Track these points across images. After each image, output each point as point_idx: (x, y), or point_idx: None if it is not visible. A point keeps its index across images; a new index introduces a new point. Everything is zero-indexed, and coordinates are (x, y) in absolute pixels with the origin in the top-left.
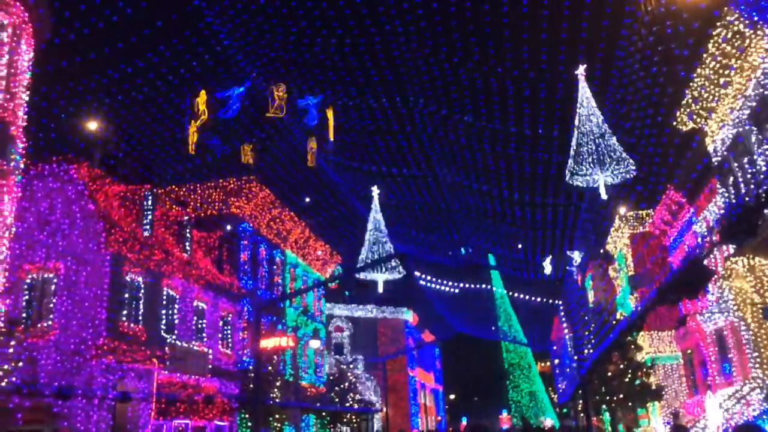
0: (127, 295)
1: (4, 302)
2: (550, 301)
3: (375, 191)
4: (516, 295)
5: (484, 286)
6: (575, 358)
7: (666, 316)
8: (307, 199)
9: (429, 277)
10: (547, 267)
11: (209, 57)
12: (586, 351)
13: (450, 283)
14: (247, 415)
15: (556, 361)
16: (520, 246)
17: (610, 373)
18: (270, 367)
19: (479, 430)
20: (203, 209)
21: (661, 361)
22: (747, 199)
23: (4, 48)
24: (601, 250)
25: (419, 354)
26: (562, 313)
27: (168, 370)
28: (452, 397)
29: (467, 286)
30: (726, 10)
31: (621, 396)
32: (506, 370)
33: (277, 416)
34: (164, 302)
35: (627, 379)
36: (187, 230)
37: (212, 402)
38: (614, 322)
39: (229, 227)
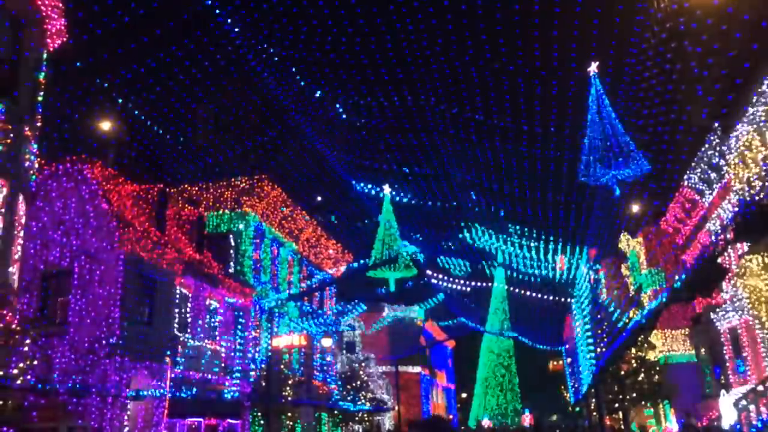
0: (140, 294)
1: (19, 300)
2: (562, 299)
3: (386, 189)
4: (527, 293)
5: (493, 284)
6: (587, 357)
7: (680, 314)
8: (319, 198)
9: (440, 276)
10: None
11: (221, 57)
12: (598, 350)
13: (461, 281)
14: (259, 414)
15: (568, 360)
16: (532, 244)
17: (623, 372)
18: (282, 366)
19: (439, 424)
20: (215, 208)
21: (675, 360)
22: (761, 196)
23: (19, 48)
24: (614, 248)
25: (431, 352)
26: (574, 312)
27: (181, 369)
28: (464, 395)
29: (479, 284)
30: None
31: (634, 395)
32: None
33: (289, 414)
34: (177, 301)
35: (640, 378)
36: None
37: (224, 400)
38: (627, 321)
39: (241, 225)
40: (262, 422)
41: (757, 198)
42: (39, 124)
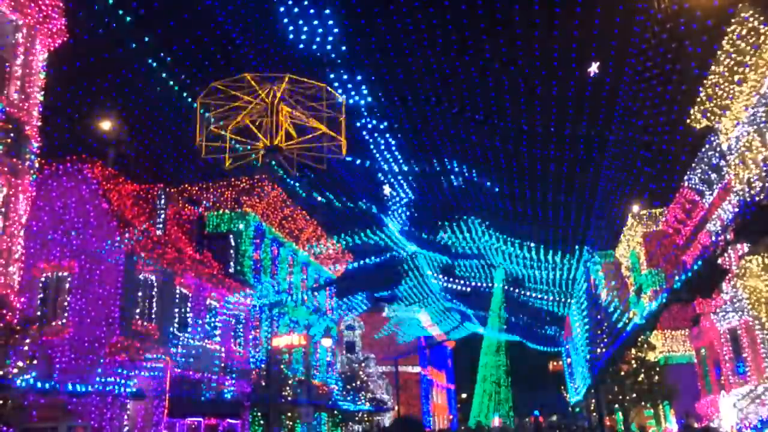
0: (140, 294)
1: (19, 300)
2: (562, 299)
3: (386, 190)
4: (527, 293)
5: (493, 285)
6: (587, 357)
7: (680, 315)
8: (320, 198)
9: (440, 276)
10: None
11: (221, 56)
12: (598, 350)
13: (461, 281)
14: (259, 414)
15: (569, 360)
16: (532, 244)
17: (623, 372)
18: (282, 366)
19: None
20: (215, 208)
21: (675, 361)
22: (761, 197)
23: (19, 48)
24: (614, 249)
25: (431, 353)
26: (574, 312)
27: (181, 368)
28: (464, 396)
29: (478, 285)
30: (740, 7)
31: (634, 395)
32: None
33: (289, 414)
34: (177, 300)
35: (640, 379)
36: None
37: (224, 400)
38: (627, 321)
39: (241, 225)
40: (261, 422)
41: (757, 199)
42: (39, 124)
